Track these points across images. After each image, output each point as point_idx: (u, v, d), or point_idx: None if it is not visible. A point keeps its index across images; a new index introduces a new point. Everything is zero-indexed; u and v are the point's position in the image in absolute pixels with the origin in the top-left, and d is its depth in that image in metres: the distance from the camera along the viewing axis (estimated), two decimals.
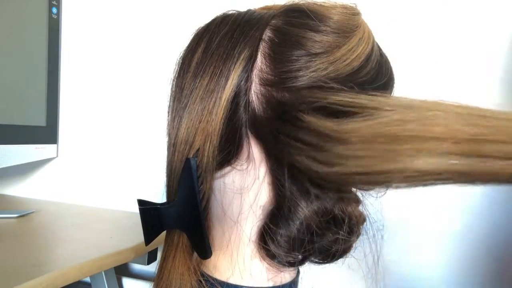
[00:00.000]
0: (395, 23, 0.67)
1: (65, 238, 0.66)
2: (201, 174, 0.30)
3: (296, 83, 0.29)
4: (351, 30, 0.31)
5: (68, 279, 0.49)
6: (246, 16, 0.32)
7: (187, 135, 0.30)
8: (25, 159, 0.86)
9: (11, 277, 0.44)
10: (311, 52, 0.29)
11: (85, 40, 0.95)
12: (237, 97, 0.30)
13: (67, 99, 0.97)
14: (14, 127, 0.83)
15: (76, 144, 0.96)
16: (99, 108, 0.94)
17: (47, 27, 0.92)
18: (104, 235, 0.67)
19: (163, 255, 0.33)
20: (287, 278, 0.34)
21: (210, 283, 0.32)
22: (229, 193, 0.32)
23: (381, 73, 0.33)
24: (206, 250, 0.31)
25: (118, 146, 0.92)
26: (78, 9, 0.96)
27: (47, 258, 0.54)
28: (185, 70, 0.32)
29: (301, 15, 0.31)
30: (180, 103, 0.31)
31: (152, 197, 0.32)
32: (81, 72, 0.96)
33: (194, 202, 0.30)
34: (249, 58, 0.29)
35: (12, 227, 0.68)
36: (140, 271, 0.91)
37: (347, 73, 0.30)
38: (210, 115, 0.29)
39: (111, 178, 0.92)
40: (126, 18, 0.91)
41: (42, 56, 0.91)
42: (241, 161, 0.31)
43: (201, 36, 0.32)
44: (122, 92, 0.91)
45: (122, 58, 0.91)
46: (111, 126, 0.93)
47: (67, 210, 0.86)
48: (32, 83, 0.89)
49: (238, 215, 0.32)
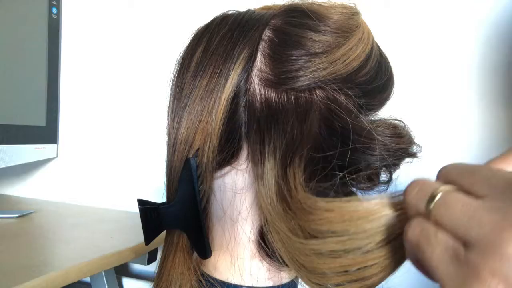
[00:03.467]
0: (395, 23, 0.67)
1: (65, 238, 0.66)
2: (201, 174, 0.30)
3: (296, 83, 0.29)
4: (351, 30, 0.31)
5: (68, 279, 0.49)
6: (246, 16, 0.32)
7: (187, 135, 0.30)
8: (25, 159, 0.86)
9: (11, 277, 0.44)
10: (311, 52, 0.29)
11: (85, 40, 0.95)
12: (236, 97, 0.30)
13: (67, 99, 0.97)
14: (14, 127, 0.83)
15: (76, 144, 0.96)
16: (99, 108, 0.94)
17: (47, 27, 0.92)
18: (104, 235, 0.67)
19: (163, 255, 0.34)
20: (287, 277, 0.34)
21: (210, 283, 0.32)
22: (229, 193, 0.32)
23: (380, 73, 0.33)
24: (206, 250, 0.31)
25: (118, 146, 0.92)
26: (78, 9, 0.96)
27: (47, 258, 0.54)
28: (185, 70, 0.32)
29: (300, 15, 0.31)
30: (180, 103, 0.31)
31: (152, 197, 0.32)
32: (81, 72, 0.96)
33: (194, 202, 0.30)
34: (249, 58, 0.29)
35: (12, 227, 0.68)
36: (140, 271, 0.91)
37: (347, 73, 0.30)
38: (210, 115, 0.29)
39: (111, 178, 0.92)
40: (126, 18, 0.91)
41: (42, 56, 0.91)
42: (241, 161, 0.31)
43: (201, 36, 0.32)
44: (122, 92, 0.91)
45: (122, 58, 0.91)
46: (111, 126, 0.93)
47: (67, 210, 0.86)
48: (32, 83, 0.89)
49: (238, 215, 0.32)
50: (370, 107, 0.33)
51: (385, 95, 0.34)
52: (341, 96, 0.30)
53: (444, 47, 0.65)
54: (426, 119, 0.64)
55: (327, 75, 0.29)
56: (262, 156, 0.28)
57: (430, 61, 0.65)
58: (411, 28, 0.66)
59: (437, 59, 0.65)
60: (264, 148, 0.28)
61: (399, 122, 0.33)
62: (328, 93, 0.30)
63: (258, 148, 0.29)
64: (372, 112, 0.34)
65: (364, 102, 0.32)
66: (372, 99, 0.33)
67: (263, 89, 0.30)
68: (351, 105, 0.31)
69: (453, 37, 0.64)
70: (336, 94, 0.30)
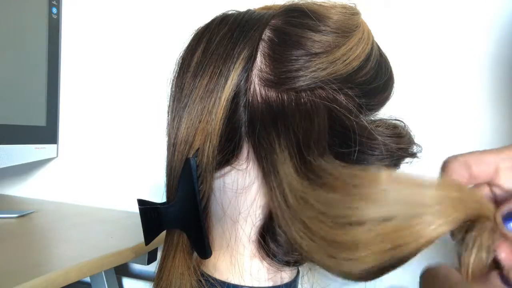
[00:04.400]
0: (395, 23, 0.67)
1: (65, 238, 0.66)
2: (201, 174, 0.30)
3: (296, 83, 0.29)
4: (351, 30, 0.31)
5: (68, 279, 0.49)
6: (246, 16, 0.32)
7: (187, 135, 0.30)
8: (25, 159, 0.86)
9: (11, 277, 0.44)
10: (311, 52, 0.29)
11: (85, 40, 0.95)
12: (236, 97, 0.30)
13: (67, 99, 0.97)
14: (14, 127, 0.83)
15: (76, 144, 0.96)
16: (99, 108, 0.94)
17: (47, 27, 0.92)
18: (104, 235, 0.67)
19: (163, 255, 0.34)
20: (287, 278, 0.34)
21: (210, 283, 0.32)
22: (229, 193, 0.32)
23: (380, 73, 0.33)
24: (206, 249, 0.31)
25: (118, 146, 0.92)
26: (78, 9, 0.96)
27: (47, 258, 0.54)
28: (185, 70, 0.32)
29: (300, 15, 0.31)
30: (180, 103, 0.31)
31: (152, 197, 0.32)
32: (81, 72, 0.96)
33: (194, 201, 0.30)
34: (249, 58, 0.29)
35: (12, 227, 0.68)
36: (140, 271, 0.91)
37: (347, 73, 0.30)
38: (210, 115, 0.29)
39: (111, 178, 0.92)
40: (126, 18, 0.91)
41: (42, 56, 0.91)
42: (241, 161, 0.31)
43: (201, 36, 0.32)
44: (122, 92, 0.91)
45: (122, 58, 0.91)
46: (111, 126, 0.93)
47: (67, 210, 0.86)
48: (32, 83, 0.89)
49: (238, 215, 0.32)
50: (370, 107, 0.33)
51: (385, 95, 0.34)
52: (341, 96, 0.30)
53: (443, 47, 0.65)
54: (426, 119, 0.64)
55: (327, 75, 0.29)
56: (270, 152, 0.27)
57: (430, 61, 0.65)
58: (411, 28, 0.66)
59: (437, 59, 0.65)
60: (272, 145, 0.28)
61: (399, 122, 0.33)
62: (328, 93, 0.30)
63: (264, 146, 0.28)
64: (372, 112, 0.34)
65: (364, 102, 0.32)
66: (372, 99, 0.33)
67: (263, 89, 0.30)
68: (351, 105, 0.31)
69: (453, 37, 0.64)
70: (336, 94, 0.30)
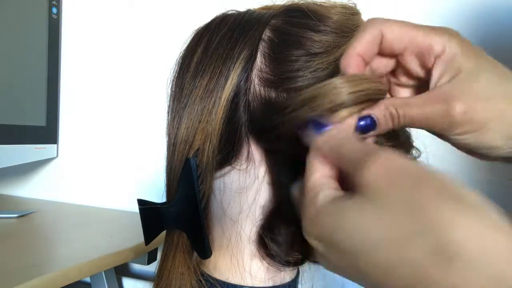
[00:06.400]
0: None
1: (65, 238, 0.66)
2: (201, 174, 0.30)
3: (296, 83, 0.29)
4: (351, 30, 0.31)
5: (68, 279, 0.49)
6: (246, 16, 0.32)
7: (187, 135, 0.30)
8: (25, 159, 0.86)
9: (11, 277, 0.44)
10: (311, 52, 0.29)
11: (85, 41, 0.95)
12: (236, 97, 0.30)
13: (67, 99, 0.97)
14: (14, 127, 0.83)
15: (76, 144, 0.96)
16: (99, 108, 0.94)
17: (47, 27, 0.92)
18: (104, 235, 0.67)
19: (163, 255, 0.34)
20: (287, 277, 0.34)
21: (210, 283, 0.32)
22: (229, 193, 0.32)
23: None
24: (206, 249, 0.31)
25: (118, 146, 0.92)
26: (78, 9, 0.96)
27: (47, 258, 0.54)
28: (185, 70, 0.32)
29: (300, 15, 0.31)
30: (180, 103, 0.31)
31: (152, 197, 0.32)
32: (81, 72, 0.96)
33: (194, 202, 0.30)
34: (249, 58, 0.29)
35: (12, 227, 0.68)
36: (140, 271, 0.91)
37: None
38: (210, 115, 0.29)
39: (112, 178, 0.92)
40: (126, 18, 0.91)
41: (42, 56, 0.91)
42: (241, 160, 0.31)
43: (201, 36, 0.32)
44: (122, 92, 0.91)
45: (122, 58, 0.91)
46: (111, 126, 0.93)
47: (67, 210, 0.86)
48: (32, 83, 0.89)
49: (238, 215, 0.32)
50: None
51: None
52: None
53: None
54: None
55: (327, 75, 0.29)
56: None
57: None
58: None
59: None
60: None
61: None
62: None
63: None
64: None
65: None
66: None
67: (263, 89, 0.30)
68: None
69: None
70: None
